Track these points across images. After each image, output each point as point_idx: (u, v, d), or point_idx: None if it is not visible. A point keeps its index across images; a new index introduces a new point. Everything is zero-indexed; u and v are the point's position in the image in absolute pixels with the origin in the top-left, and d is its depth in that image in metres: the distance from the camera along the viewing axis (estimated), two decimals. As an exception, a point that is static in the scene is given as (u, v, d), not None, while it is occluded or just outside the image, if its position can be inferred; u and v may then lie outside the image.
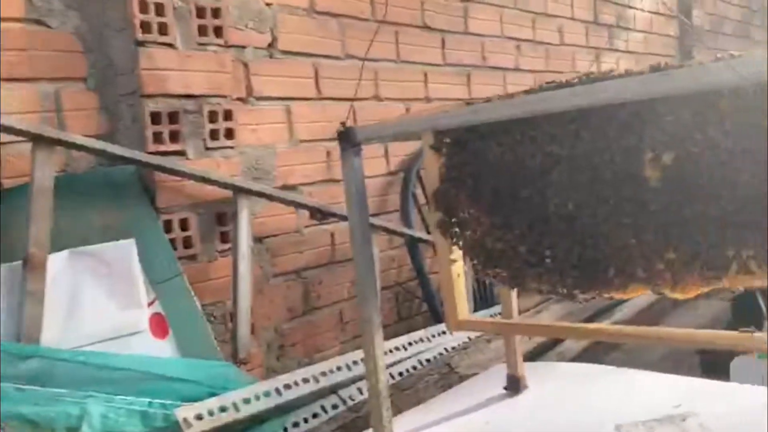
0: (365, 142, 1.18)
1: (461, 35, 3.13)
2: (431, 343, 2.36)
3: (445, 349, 2.33)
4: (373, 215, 2.61)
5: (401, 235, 2.63)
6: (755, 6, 6.16)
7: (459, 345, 2.33)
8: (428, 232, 2.77)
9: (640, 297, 3.12)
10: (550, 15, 3.70)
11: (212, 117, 2.08)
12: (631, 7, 4.42)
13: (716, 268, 1.04)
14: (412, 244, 2.66)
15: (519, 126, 1.18)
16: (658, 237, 1.08)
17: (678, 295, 1.09)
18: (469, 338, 2.41)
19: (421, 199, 2.79)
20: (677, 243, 1.07)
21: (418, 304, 2.84)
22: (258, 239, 2.24)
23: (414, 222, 2.72)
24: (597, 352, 2.55)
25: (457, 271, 1.32)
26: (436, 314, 2.66)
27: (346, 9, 2.59)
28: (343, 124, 1.17)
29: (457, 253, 1.33)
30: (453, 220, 1.30)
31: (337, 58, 2.54)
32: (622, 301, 2.95)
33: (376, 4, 2.69)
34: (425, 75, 2.92)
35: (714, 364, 2.81)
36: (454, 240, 1.30)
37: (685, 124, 1.04)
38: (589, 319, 2.65)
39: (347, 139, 1.16)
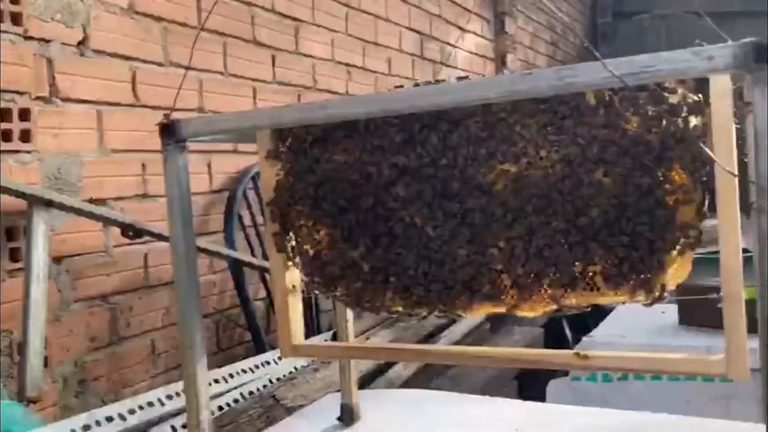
0: (192, 137, 1.03)
1: (292, 54, 3.04)
2: (255, 374, 2.20)
3: (270, 380, 2.18)
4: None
5: (224, 257, 2.45)
6: (559, 56, 6.73)
7: (285, 375, 2.19)
8: (253, 254, 2.62)
9: (459, 324, 3.17)
10: (380, 45, 3.74)
11: (5, 115, 1.80)
12: (453, 46, 4.61)
13: (563, 284, 1.02)
14: (236, 268, 2.49)
15: (363, 133, 1.09)
16: (506, 252, 1.04)
17: (525, 313, 1.05)
18: (296, 368, 2.28)
19: (248, 221, 2.64)
20: (524, 259, 1.03)
21: (241, 333, 2.66)
22: (57, 259, 1.95)
23: (238, 245, 2.55)
24: (423, 379, 2.53)
25: (292, 291, 1.19)
26: (260, 344, 2.50)
27: (169, 13, 2.39)
28: (167, 116, 1.02)
29: (294, 271, 1.20)
30: (290, 233, 1.18)
31: (158, 64, 2.34)
32: (444, 328, 2.98)
33: (203, 12, 2.52)
34: (254, 90, 2.79)
35: (530, 389, 2.91)
36: (291, 255, 1.18)
37: (533, 134, 1.01)
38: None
39: (171, 133, 1.01)
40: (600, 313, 3.44)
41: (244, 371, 2.17)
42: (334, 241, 1.14)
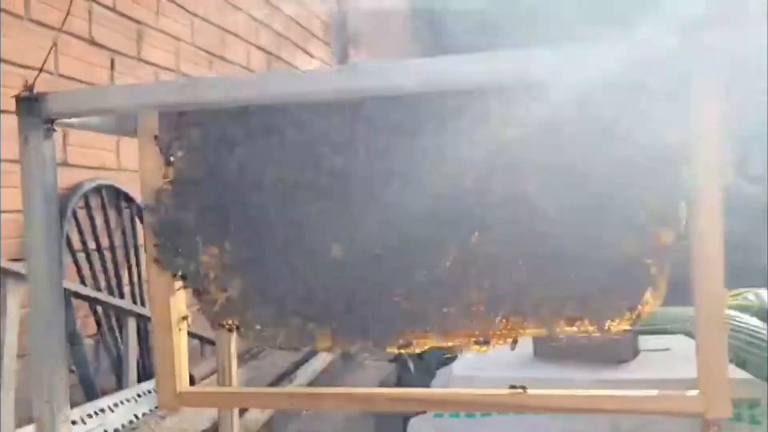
0: (62, 116, 0.77)
1: (134, 60, 2.72)
2: (87, 425, 1.85)
3: (106, 431, 1.84)
4: (12, 261, 2.02)
5: (49, 286, 2.06)
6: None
7: (124, 425, 1.87)
8: (83, 283, 2.25)
9: (314, 360, 2.98)
10: (228, 61, 3.50)
11: None
12: (300, 70, 4.47)
13: (545, 317, 0.88)
14: (64, 298, 2.11)
15: (287, 128, 0.89)
16: (445, 285, 0.89)
17: (476, 348, 0.90)
18: (137, 416, 1.96)
19: (77, 245, 2.27)
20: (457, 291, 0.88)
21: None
22: None
23: (66, 271, 2.18)
24: (282, 423, 2.30)
25: (179, 324, 0.95)
26: (89, 388, 2.12)
27: (-11, -5, 2.01)
28: (30, 88, 0.75)
29: (180, 297, 0.96)
30: (179, 249, 0.94)
31: (-27, 53, 1.95)
32: (299, 365, 2.78)
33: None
34: (89, 96, 2.44)
35: (388, 427, 2.77)
36: (184, 279, 0.93)
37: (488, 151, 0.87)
38: (273, 384, 2.40)
39: (34, 110, 0.74)
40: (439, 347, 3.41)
41: (74, 422, 1.82)
42: (241, 263, 0.92)
